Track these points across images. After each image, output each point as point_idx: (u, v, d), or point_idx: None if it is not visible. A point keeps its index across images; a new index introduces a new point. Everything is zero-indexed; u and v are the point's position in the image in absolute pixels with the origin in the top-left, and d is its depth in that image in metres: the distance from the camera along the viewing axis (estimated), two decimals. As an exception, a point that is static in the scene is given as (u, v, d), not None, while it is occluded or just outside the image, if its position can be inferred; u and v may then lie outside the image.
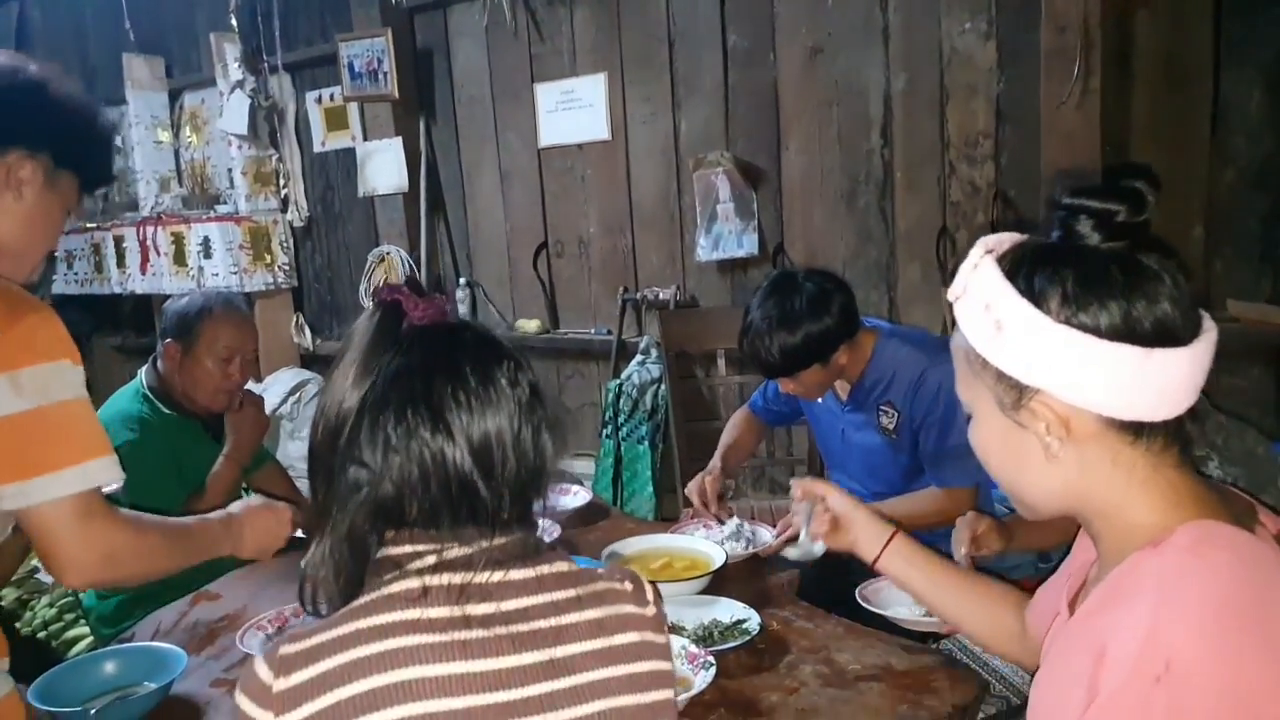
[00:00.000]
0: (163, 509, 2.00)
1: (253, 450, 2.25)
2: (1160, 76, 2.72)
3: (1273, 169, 2.61)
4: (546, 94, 3.81)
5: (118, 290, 4.98)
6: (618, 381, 3.62)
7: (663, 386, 3.53)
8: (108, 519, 1.23)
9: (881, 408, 1.99)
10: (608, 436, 3.64)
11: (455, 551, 0.86)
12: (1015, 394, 0.88)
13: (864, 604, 1.59)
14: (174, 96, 5.01)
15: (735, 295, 3.53)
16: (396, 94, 3.98)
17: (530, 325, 3.97)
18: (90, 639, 2.62)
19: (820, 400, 2.12)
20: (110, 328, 5.68)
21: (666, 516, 3.30)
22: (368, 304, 3.46)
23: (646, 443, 3.54)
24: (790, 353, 1.89)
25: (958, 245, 3.07)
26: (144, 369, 2.20)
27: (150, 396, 2.12)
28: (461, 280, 4.18)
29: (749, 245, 3.39)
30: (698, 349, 3.10)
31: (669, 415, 3.51)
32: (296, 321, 4.71)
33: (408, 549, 0.86)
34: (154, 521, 1.37)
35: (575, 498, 2.25)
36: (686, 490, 2.21)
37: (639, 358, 3.62)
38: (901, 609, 1.58)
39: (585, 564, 1.71)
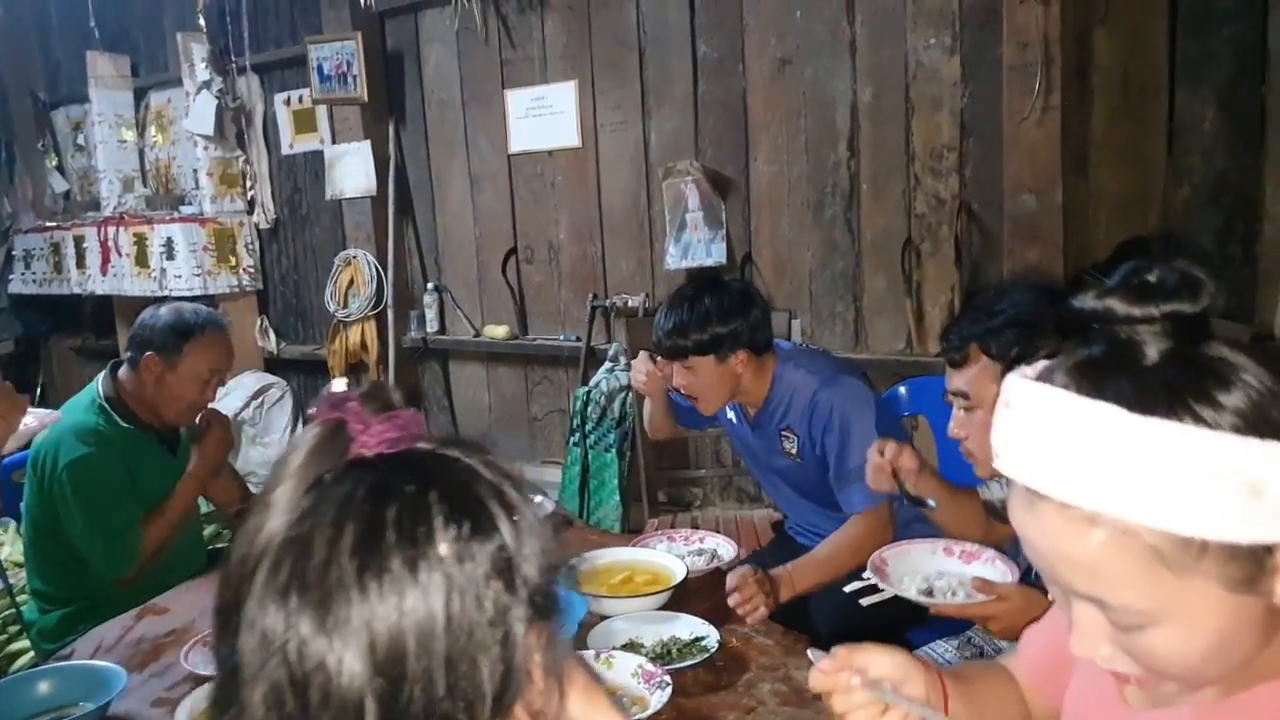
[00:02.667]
0: (118, 523, 1.98)
1: (216, 469, 2.23)
2: (1118, 93, 2.75)
3: (1226, 186, 2.65)
4: (517, 100, 3.80)
5: (77, 291, 4.90)
6: (586, 389, 3.60)
7: (631, 394, 3.52)
8: None
9: (783, 433, 2.03)
10: (575, 444, 3.62)
11: None
12: (1254, 562, 0.67)
13: (874, 572, 1.56)
14: (139, 95, 4.95)
15: (703, 304, 3.52)
16: (365, 97, 3.95)
17: (499, 331, 3.95)
18: (30, 654, 2.57)
19: (733, 419, 2.15)
20: (69, 329, 5.58)
21: (634, 526, 3.29)
22: (331, 306, 3.41)
23: (614, 451, 3.52)
24: (686, 328, 1.95)
25: (922, 257, 3.08)
26: (100, 378, 2.15)
27: (107, 408, 2.08)
28: (430, 285, 4.15)
29: (717, 254, 3.39)
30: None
31: (636, 423, 3.51)
32: (261, 325, 4.66)
33: None
34: None
35: (539, 508, 2.24)
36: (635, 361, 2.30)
37: (608, 365, 3.61)
38: (915, 579, 1.55)
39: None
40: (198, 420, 2.20)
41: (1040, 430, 0.69)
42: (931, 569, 1.60)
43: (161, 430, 2.16)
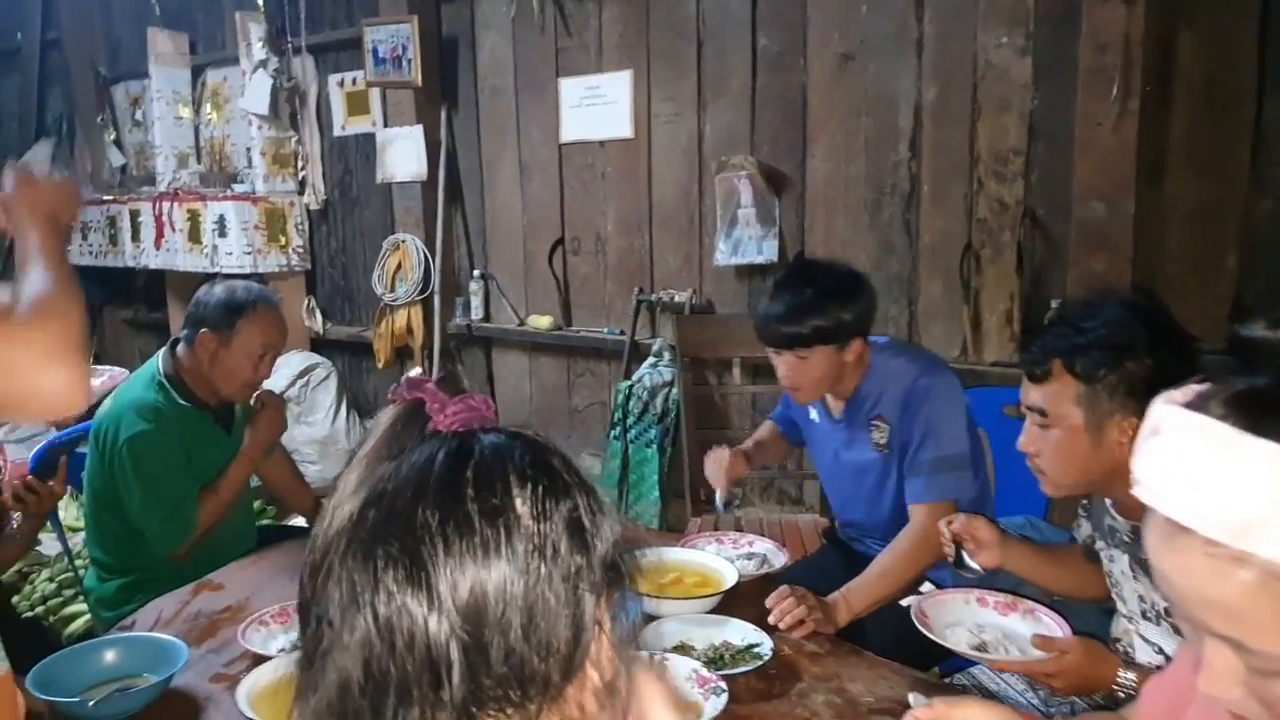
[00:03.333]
0: (173, 500, 1.99)
1: (269, 449, 2.24)
2: (1200, 99, 2.66)
3: (1313, 201, 2.56)
4: (570, 89, 3.77)
5: (131, 264, 4.97)
6: (629, 383, 3.58)
7: (674, 390, 3.49)
8: (34, 323, 1.02)
9: (873, 422, 1.95)
10: (615, 438, 3.60)
11: None
12: None
13: (918, 623, 1.53)
14: (196, 73, 5.00)
15: (752, 302, 3.48)
16: (419, 81, 3.95)
17: (543, 321, 3.94)
18: (86, 617, 2.60)
19: (815, 419, 2.09)
20: (122, 300, 5.67)
21: (672, 523, 3.27)
22: (378, 289, 3.45)
23: (655, 446, 3.50)
24: (804, 313, 1.82)
25: (982, 262, 3.02)
26: (160, 355, 2.15)
27: (166, 385, 2.09)
28: (476, 272, 4.15)
29: (769, 252, 3.35)
30: (713, 355, 3.06)
31: (679, 420, 3.48)
32: (308, 305, 4.69)
33: None
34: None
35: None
36: (707, 458, 2.19)
37: (651, 360, 3.59)
38: (960, 631, 1.52)
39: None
40: (253, 401, 2.20)
41: (1191, 462, 0.66)
42: (970, 620, 1.57)
43: (217, 408, 2.17)
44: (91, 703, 1.30)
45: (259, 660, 1.50)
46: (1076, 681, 1.34)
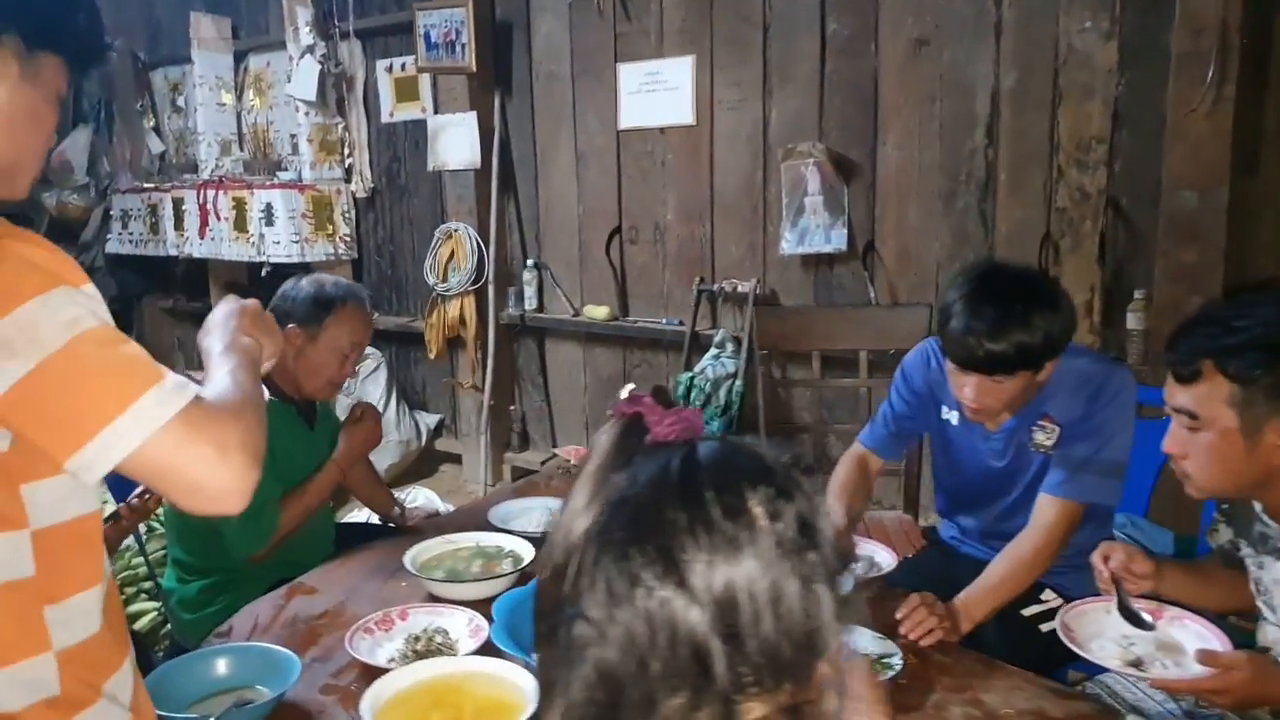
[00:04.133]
0: (256, 500, 1.93)
1: (358, 461, 2.19)
2: (1299, 86, 2.57)
3: None
4: (630, 75, 3.70)
5: (173, 253, 4.94)
6: (690, 375, 3.51)
7: (737, 382, 3.42)
8: (217, 415, 0.97)
9: (1040, 423, 1.83)
10: (676, 430, 3.53)
11: None
12: None
13: (1066, 639, 1.47)
14: (238, 58, 4.94)
15: (818, 292, 3.41)
16: (474, 67, 3.89)
17: (599, 312, 3.88)
18: (151, 615, 2.57)
19: (954, 422, 1.96)
20: (161, 290, 5.64)
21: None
22: (430, 279, 3.40)
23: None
24: (1009, 332, 1.61)
25: (1061, 253, 2.94)
26: None
27: None
28: (529, 262, 4.09)
29: (837, 241, 3.27)
30: (792, 348, 2.99)
31: (743, 413, 3.41)
32: (355, 294, 4.63)
33: None
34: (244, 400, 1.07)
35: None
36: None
37: (713, 351, 3.52)
38: (1107, 644, 1.45)
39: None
40: (353, 411, 2.16)
41: None
42: (1113, 630, 1.50)
43: (300, 403, 2.12)
44: (212, 717, 1.25)
45: (367, 669, 1.45)
46: (1243, 698, 1.28)
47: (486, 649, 1.48)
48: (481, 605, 1.63)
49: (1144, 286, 2.74)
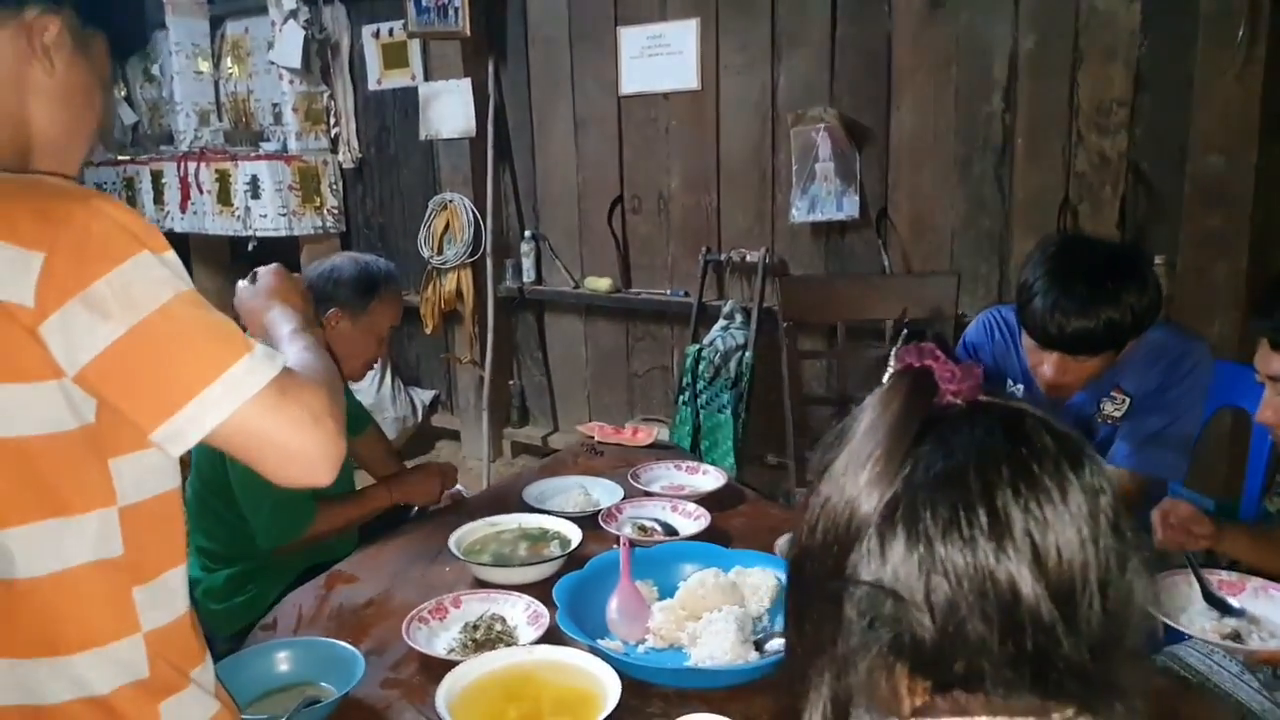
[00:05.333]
0: (288, 490, 1.85)
1: (410, 502, 2.14)
2: (1327, 48, 2.54)
3: None
4: (631, 38, 3.60)
5: (153, 228, 4.76)
6: (698, 347, 3.46)
7: (747, 354, 3.37)
8: (305, 382, 0.94)
9: (1111, 394, 1.79)
10: (685, 403, 3.48)
11: None
12: None
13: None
14: (214, 24, 4.75)
15: (829, 261, 3.36)
16: (468, 31, 3.76)
17: (601, 284, 3.80)
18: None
19: (1018, 391, 1.92)
20: (139, 266, 5.46)
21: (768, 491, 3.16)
22: (425, 252, 3.30)
23: (729, 411, 3.39)
24: (1099, 310, 1.55)
25: (1080, 218, 2.90)
26: None
27: None
28: (527, 233, 3.99)
29: (849, 208, 3.22)
30: (817, 319, 2.93)
31: (753, 385, 3.37)
32: (344, 268, 4.51)
33: None
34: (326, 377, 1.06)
35: (709, 478, 2.11)
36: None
37: (722, 323, 3.46)
38: (1195, 617, 1.42)
39: (774, 564, 1.57)
40: (443, 465, 2.15)
41: None
42: (1197, 603, 1.47)
43: None
44: (285, 717, 1.18)
45: (426, 661, 1.39)
46: None
47: (550, 636, 1.42)
48: (532, 589, 1.57)
49: (1164, 252, 2.71)
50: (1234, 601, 1.43)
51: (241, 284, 1.36)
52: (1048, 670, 0.59)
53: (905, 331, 1.52)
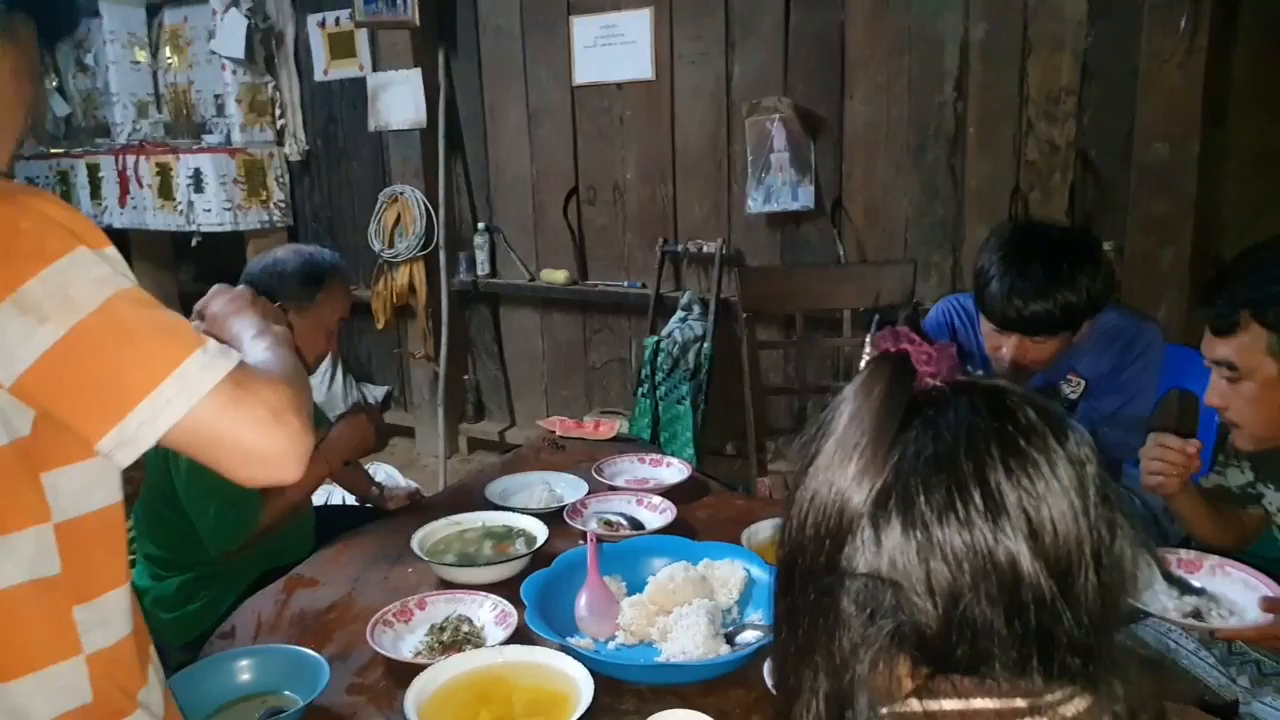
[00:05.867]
0: (233, 491, 1.79)
1: (345, 461, 2.04)
2: (1265, 36, 2.60)
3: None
4: (584, 28, 3.56)
5: (91, 223, 4.61)
6: (656, 339, 3.44)
7: (706, 345, 3.37)
8: (264, 378, 0.90)
9: (1067, 378, 1.82)
10: (644, 395, 3.47)
11: (1064, 707, 0.59)
12: None
13: None
14: (152, 13, 4.61)
15: (785, 251, 3.37)
16: (417, 21, 3.70)
17: (557, 276, 3.77)
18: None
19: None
20: (76, 263, 5.29)
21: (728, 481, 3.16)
22: (376, 245, 3.24)
23: (688, 402, 3.39)
24: (1052, 291, 1.60)
25: (1030, 206, 2.94)
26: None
27: None
28: (481, 226, 3.94)
29: (804, 198, 3.23)
30: (776, 310, 2.93)
31: (711, 376, 3.37)
32: (292, 263, 4.41)
33: (956, 705, 0.60)
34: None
35: (672, 470, 2.10)
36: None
37: (680, 314, 3.45)
38: (1158, 595, 1.43)
39: (742, 556, 1.57)
40: (353, 407, 2.02)
41: None
42: (1156, 585, 1.49)
43: None
44: (248, 731, 1.15)
45: (393, 665, 1.36)
46: None
47: (518, 636, 1.40)
48: (498, 588, 1.55)
49: (1112, 238, 2.76)
50: (1194, 580, 1.45)
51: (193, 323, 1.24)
52: (1052, 649, 0.59)
53: (877, 318, 1.54)
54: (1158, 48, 2.57)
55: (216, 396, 0.84)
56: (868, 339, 0.71)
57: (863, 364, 0.70)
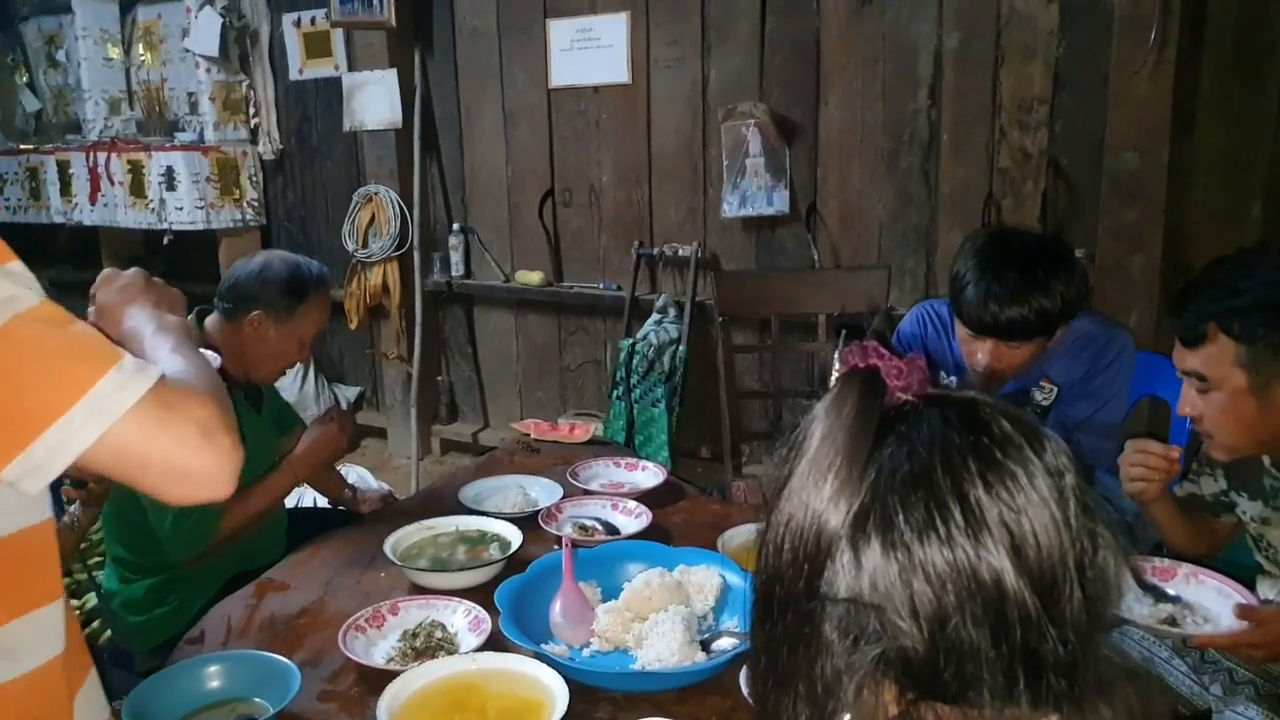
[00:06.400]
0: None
1: (319, 467, 2.02)
2: (1230, 49, 2.65)
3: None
4: (561, 31, 3.56)
5: (59, 220, 4.57)
6: (631, 341, 3.45)
7: (681, 348, 3.38)
8: (188, 393, 0.86)
9: (1040, 384, 1.84)
10: (618, 398, 3.47)
11: None
12: None
13: None
14: (125, 9, 4.55)
15: (760, 256, 3.38)
16: (393, 21, 3.67)
17: (532, 277, 3.76)
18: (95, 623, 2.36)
19: (950, 382, 1.96)
20: (43, 260, 5.20)
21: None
22: (349, 245, 3.23)
23: (663, 405, 3.39)
24: (1028, 297, 1.61)
25: (1003, 212, 2.97)
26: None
27: None
28: (455, 226, 3.93)
29: (779, 203, 3.24)
30: (751, 314, 2.94)
31: (686, 379, 3.37)
32: (265, 263, 4.37)
33: None
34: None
35: (648, 474, 2.10)
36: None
37: (655, 317, 3.45)
38: (1135, 606, 1.45)
39: (718, 562, 1.57)
40: (326, 413, 2.01)
41: None
42: (1137, 589, 1.51)
43: (245, 385, 1.96)
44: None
45: (365, 672, 1.35)
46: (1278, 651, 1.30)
47: (492, 642, 1.40)
48: (472, 594, 1.54)
49: (1084, 245, 2.79)
50: (1168, 588, 1.47)
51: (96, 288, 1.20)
52: (1039, 670, 0.58)
53: (844, 331, 1.56)
54: (1128, 58, 2.60)
55: (138, 417, 0.81)
56: (835, 355, 0.69)
57: (832, 380, 0.68)
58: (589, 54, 3.53)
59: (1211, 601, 1.43)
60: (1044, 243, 1.71)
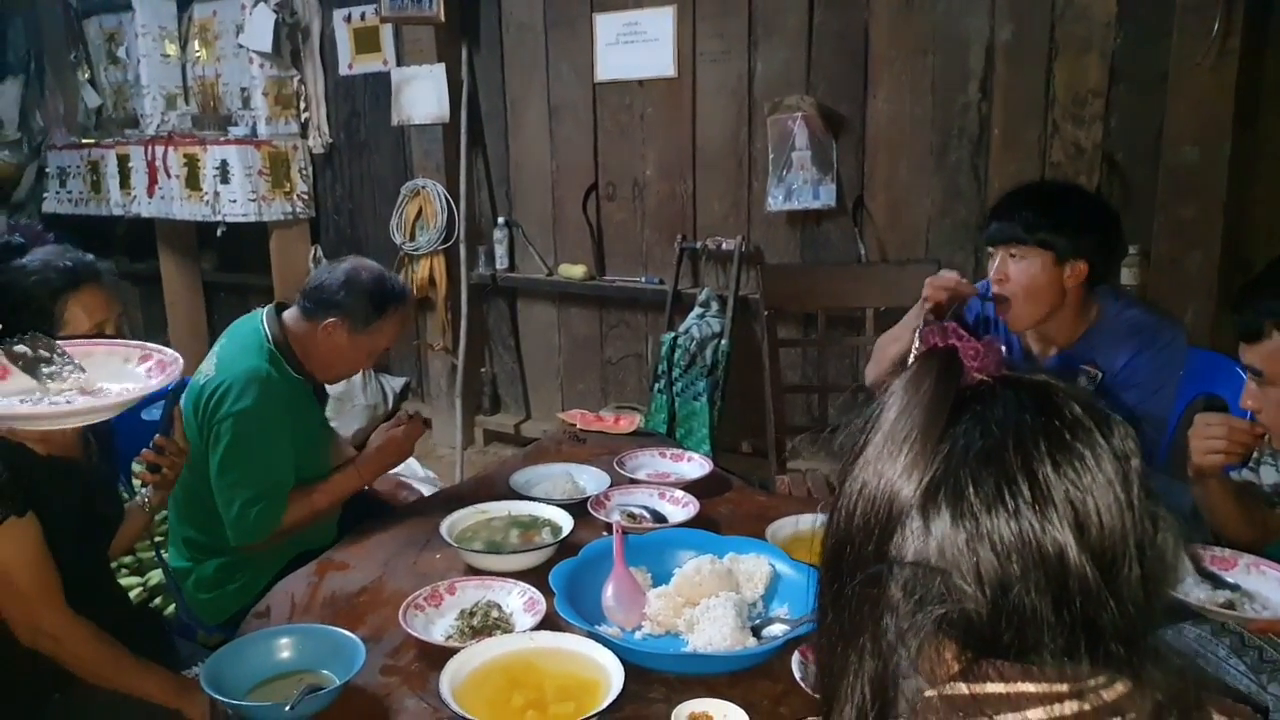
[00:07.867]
0: (266, 483, 1.84)
1: (383, 473, 2.08)
2: (1295, 40, 2.59)
3: None
4: (607, 25, 3.58)
5: (118, 212, 4.68)
6: (673, 334, 3.46)
7: (723, 342, 3.38)
8: None
9: (1083, 367, 1.82)
10: (660, 391, 3.49)
11: (1105, 692, 0.60)
12: None
13: None
14: (182, 7, 4.65)
15: (805, 250, 3.38)
16: (441, 16, 3.72)
17: (575, 271, 3.78)
18: (137, 590, 2.43)
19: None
20: (101, 251, 5.31)
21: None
22: (397, 238, 3.28)
23: (704, 399, 3.40)
24: (1038, 205, 1.74)
25: (1054, 208, 2.94)
26: (264, 318, 1.95)
27: (278, 355, 1.90)
28: (500, 220, 3.96)
29: (826, 197, 3.23)
30: (798, 308, 2.94)
31: (728, 373, 3.37)
32: (314, 255, 4.46)
33: (1000, 688, 0.60)
34: None
35: (694, 465, 2.11)
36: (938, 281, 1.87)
37: (698, 310, 3.46)
38: (1194, 590, 1.43)
39: (767, 551, 1.58)
40: (398, 416, 2.04)
41: None
42: (1190, 579, 1.49)
43: (316, 384, 2.02)
44: (289, 706, 1.17)
45: (424, 648, 1.38)
46: None
47: (546, 623, 1.42)
48: (525, 576, 1.57)
49: (1138, 242, 2.76)
50: (1227, 577, 1.46)
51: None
52: (1096, 636, 0.60)
53: (928, 314, 1.65)
54: (1189, 50, 2.56)
55: None
56: (916, 334, 0.72)
57: (911, 359, 0.71)
58: (635, 48, 3.54)
59: (1271, 591, 1.41)
60: (1080, 189, 1.87)
